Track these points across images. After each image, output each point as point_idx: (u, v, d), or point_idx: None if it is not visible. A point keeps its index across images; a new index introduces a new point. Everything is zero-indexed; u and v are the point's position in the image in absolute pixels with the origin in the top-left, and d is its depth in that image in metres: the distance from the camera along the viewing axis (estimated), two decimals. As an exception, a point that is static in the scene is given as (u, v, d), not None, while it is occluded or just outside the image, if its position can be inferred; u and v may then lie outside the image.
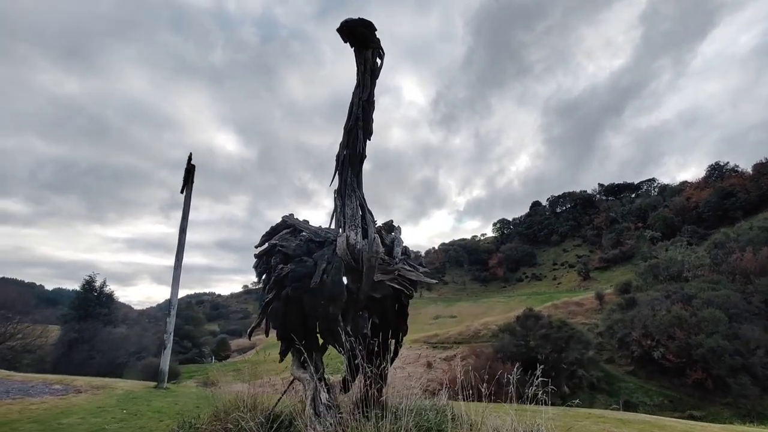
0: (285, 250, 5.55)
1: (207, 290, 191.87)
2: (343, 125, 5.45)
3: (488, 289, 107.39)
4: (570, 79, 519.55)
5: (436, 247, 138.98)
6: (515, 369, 5.43)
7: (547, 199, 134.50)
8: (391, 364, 6.02)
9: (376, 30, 5.51)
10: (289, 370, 5.52)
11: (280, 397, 5.55)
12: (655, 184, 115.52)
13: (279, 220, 6.67)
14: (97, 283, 48.61)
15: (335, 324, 4.92)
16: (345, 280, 5.04)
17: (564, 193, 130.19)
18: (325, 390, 4.80)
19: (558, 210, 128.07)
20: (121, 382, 12.12)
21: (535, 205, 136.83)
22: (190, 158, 12.01)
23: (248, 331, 6.41)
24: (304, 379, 5.05)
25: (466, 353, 44.65)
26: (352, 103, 5.44)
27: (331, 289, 4.86)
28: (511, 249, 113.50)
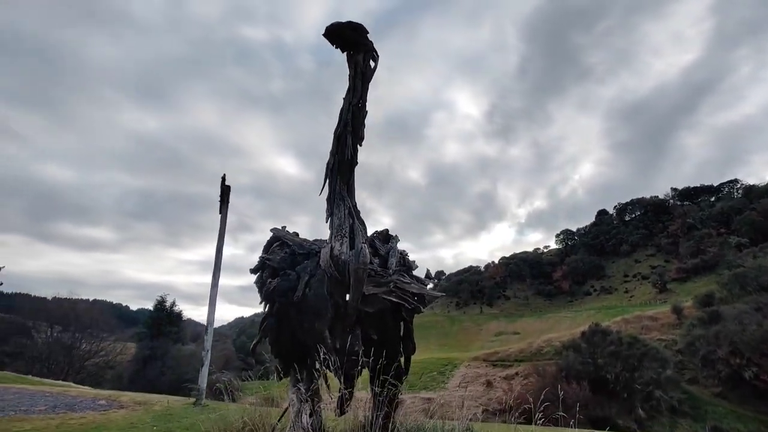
0: (272, 263, 5.39)
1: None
2: (333, 130, 5.26)
3: (553, 303, 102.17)
4: (635, 80, 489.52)
5: (496, 261, 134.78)
6: (581, 388, 4.87)
7: (615, 207, 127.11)
8: (401, 383, 5.61)
9: (367, 33, 5.33)
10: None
11: (279, 418, 5.31)
12: (738, 186, 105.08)
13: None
14: (168, 303, 51.79)
15: (322, 340, 4.63)
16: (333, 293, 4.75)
17: (633, 199, 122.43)
18: (308, 413, 4.49)
19: (627, 218, 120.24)
20: (162, 398, 12.52)
21: (602, 213, 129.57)
22: (224, 179, 12.35)
23: (251, 348, 6.30)
24: (291, 401, 4.79)
25: (528, 371, 42.37)
26: (342, 109, 5.26)
27: (314, 304, 4.60)
28: (576, 261, 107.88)
